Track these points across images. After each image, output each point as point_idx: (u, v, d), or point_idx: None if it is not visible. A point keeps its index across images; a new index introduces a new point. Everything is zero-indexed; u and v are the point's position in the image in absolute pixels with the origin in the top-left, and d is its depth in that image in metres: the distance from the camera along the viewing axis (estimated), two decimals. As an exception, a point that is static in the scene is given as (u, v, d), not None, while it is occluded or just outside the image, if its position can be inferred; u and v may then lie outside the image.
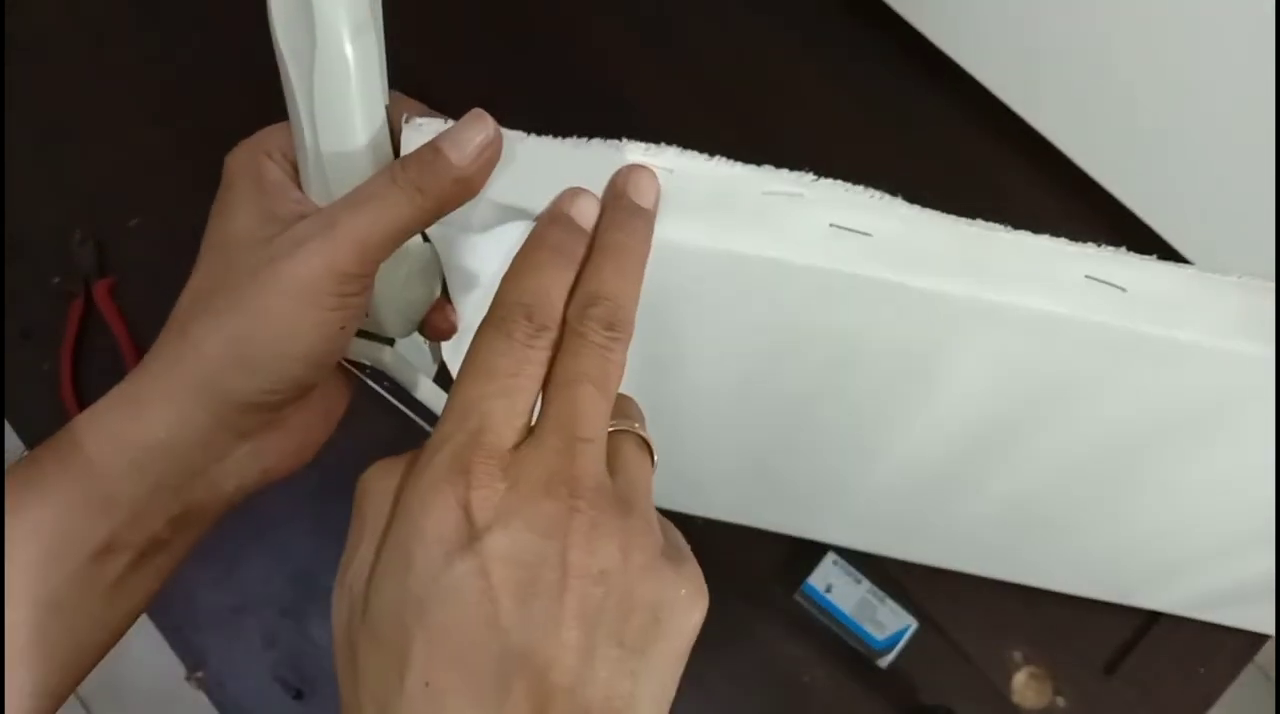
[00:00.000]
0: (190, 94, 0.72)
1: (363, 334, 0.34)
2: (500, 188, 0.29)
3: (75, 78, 0.73)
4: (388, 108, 0.30)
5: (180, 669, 0.59)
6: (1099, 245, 0.30)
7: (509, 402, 0.24)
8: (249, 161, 0.30)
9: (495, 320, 0.25)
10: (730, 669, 0.59)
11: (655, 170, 0.29)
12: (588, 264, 0.26)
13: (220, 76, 0.70)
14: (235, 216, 0.29)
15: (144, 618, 0.59)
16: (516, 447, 0.23)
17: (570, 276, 0.26)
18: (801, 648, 0.59)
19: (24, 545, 0.27)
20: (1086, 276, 0.29)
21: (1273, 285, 0.30)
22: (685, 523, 0.65)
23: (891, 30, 0.69)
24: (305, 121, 0.29)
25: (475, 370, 0.24)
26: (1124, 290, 0.29)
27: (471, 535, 0.22)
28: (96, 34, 0.75)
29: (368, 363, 0.34)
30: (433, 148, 0.28)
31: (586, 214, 0.28)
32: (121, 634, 0.30)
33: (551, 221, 0.27)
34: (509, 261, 0.27)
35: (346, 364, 0.34)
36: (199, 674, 0.59)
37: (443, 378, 0.36)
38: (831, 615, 0.58)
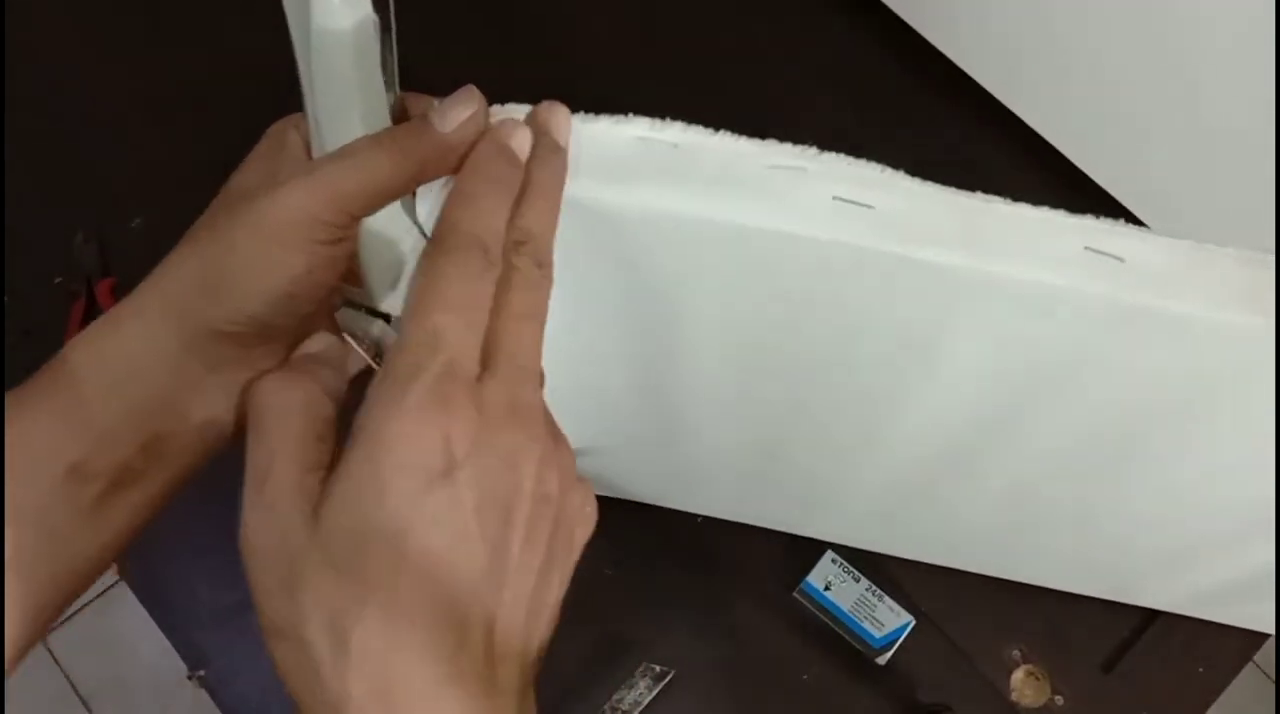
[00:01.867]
0: (191, 94, 0.73)
1: (354, 306, 0.34)
2: None
3: (75, 78, 0.74)
4: (398, 99, 0.30)
5: (182, 668, 0.59)
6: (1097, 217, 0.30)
7: (473, 334, 0.25)
8: (280, 129, 0.32)
9: (452, 249, 0.26)
10: (729, 667, 0.59)
11: (567, 112, 0.30)
12: (520, 200, 0.28)
13: (221, 76, 0.71)
14: (245, 171, 0.31)
15: (145, 616, 0.59)
16: (478, 377, 0.25)
17: (509, 209, 0.28)
18: (800, 645, 0.60)
19: (6, 457, 0.27)
20: (1085, 248, 0.30)
21: (1272, 258, 0.30)
22: (685, 521, 0.65)
23: (880, 21, 0.69)
24: (307, 97, 0.29)
25: (439, 300, 0.25)
26: (1122, 261, 0.30)
27: (451, 464, 0.23)
28: (96, 34, 0.75)
29: (361, 335, 0.34)
30: (420, 117, 0.29)
31: (523, 148, 0.29)
32: (102, 568, 0.30)
33: (497, 153, 0.29)
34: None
35: (346, 338, 0.34)
36: (201, 673, 0.59)
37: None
38: (830, 613, 0.58)
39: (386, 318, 0.34)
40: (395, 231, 0.31)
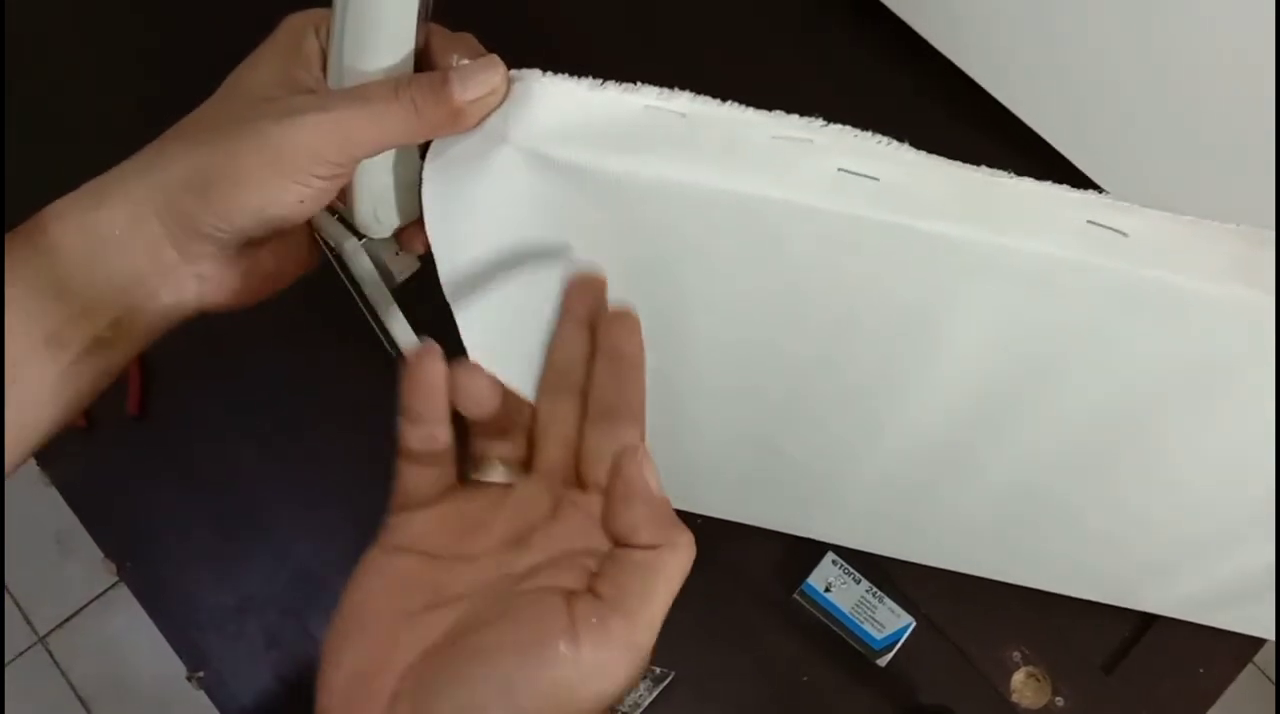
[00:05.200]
0: (191, 94, 0.72)
1: (337, 216, 0.35)
2: (514, 123, 0.30)
3: (75, 78, 0.74)
4: (426, 29, 0.30)
5: (181, 669, 0.59)
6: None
7: None
8: (298, 28, 0.32)
9: None
10: (729, 668, 0.59)
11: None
12: None
13: (221, 77, 0.71)
14: (258, 68, 0.31)
15: (145, 617, 0.59)
16: None
17: None
18: (800, 647, 0.60)
19: None
20: (1089, 221, 0.30)
21: (1272, 234, 0.30)
22: (685, 521, 0.65)
23: (875, 19, 0.69)
24: (337, 27, 0.30)
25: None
26: (1125, 235, 0.30)
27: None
28: (96, 34, 0.75)
29: (333, 245, 0.35)
30: (442, 77, 0.29)
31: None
32: (62, 425, 0.31)
33: None
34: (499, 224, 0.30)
35: (320, 239, 0.35)
36: (200, 674, 0.59)
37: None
38: (830, 615, 0.58)
39: (359, 236, 0.35)
40: (385, 166, 0.32)
